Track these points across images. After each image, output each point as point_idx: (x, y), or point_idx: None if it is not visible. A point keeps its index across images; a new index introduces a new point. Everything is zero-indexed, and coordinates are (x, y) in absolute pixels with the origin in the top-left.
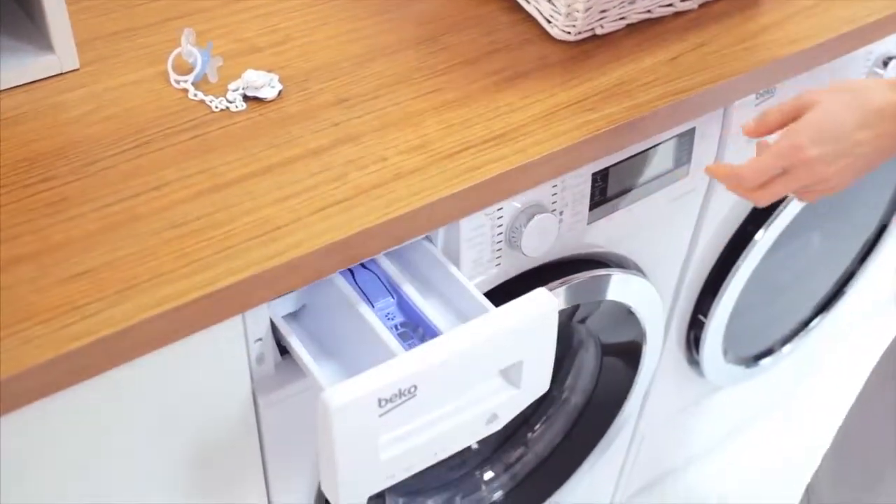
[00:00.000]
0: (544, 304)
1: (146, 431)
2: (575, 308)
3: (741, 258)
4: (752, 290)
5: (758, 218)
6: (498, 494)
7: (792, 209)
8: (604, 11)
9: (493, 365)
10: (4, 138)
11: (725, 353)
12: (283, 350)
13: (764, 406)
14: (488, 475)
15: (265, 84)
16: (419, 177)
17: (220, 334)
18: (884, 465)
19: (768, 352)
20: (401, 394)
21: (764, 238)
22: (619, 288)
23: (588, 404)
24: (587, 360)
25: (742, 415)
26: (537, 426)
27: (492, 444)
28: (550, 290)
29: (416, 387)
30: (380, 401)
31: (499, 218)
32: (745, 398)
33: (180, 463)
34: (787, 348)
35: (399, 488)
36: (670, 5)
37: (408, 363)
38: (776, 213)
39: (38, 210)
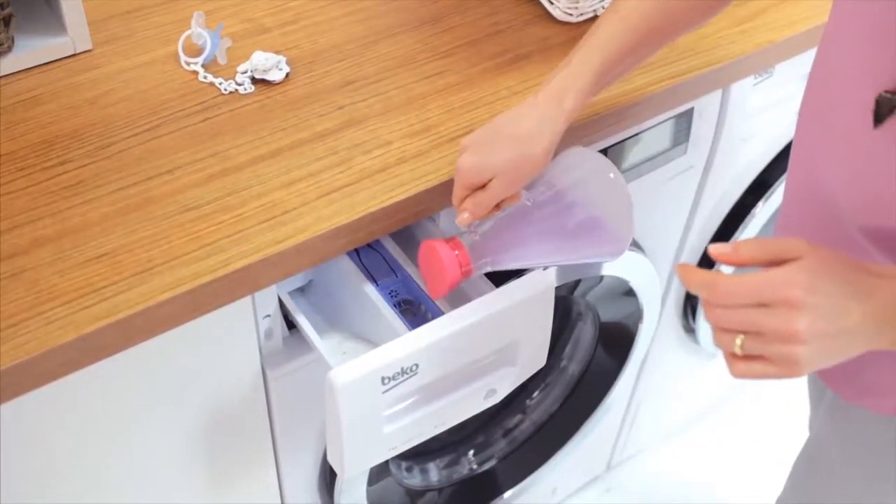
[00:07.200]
0: (541, 285)
1: (161, 405)
2: (576, 283)
3: (739, 230)
4: None
5: (757, 190)
6: (496, 459)
7: None
8: None
9: (491, 344)
10: (24, 120)
11: None
12: (290, 323)
13: None
14: (487, 440)
15: (273, 66)
16: (422, 161)
17: (230, 312)
18: None
19: None
20: (403, 372)
21: (763, 210)
22: (617, 265)
23: (585, 372)
24: (585, 331)
25: (736, 382)
26: (535, 393)
27: (490, 410)
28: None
29: (417, 365)
30: (383, 379)
31: None
32: None
33: (194, 434)
34: None
35: (401, 452)
36: None
37: (409, 344)
38: (776, 185)
39: (57, 193)
